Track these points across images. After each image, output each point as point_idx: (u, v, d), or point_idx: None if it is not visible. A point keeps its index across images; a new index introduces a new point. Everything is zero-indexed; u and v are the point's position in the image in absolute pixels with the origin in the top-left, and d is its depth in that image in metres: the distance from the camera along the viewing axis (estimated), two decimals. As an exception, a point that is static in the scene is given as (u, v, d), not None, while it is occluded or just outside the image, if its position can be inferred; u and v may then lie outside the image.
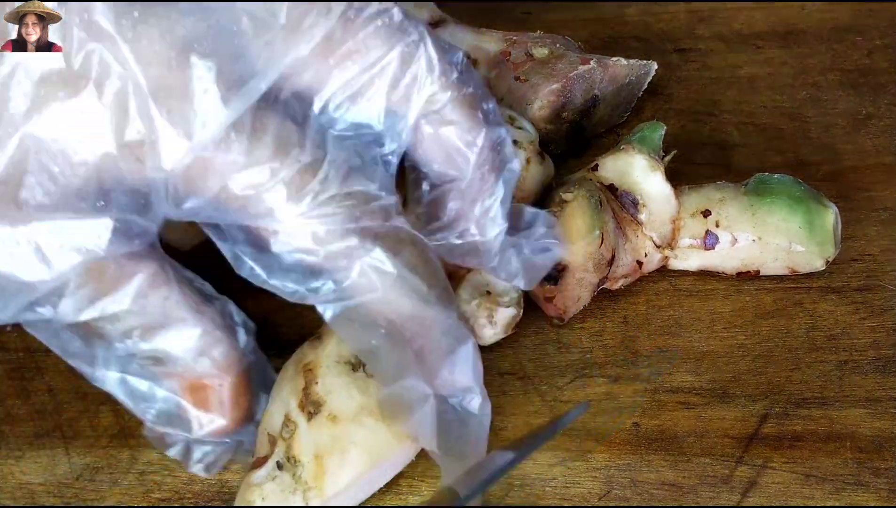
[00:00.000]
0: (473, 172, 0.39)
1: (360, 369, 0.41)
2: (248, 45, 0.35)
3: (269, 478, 0.40)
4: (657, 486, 0.43)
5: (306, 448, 0.39)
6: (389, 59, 0.37)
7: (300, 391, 0.40)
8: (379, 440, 0.40)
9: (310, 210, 0.36)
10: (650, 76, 0.55)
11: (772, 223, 0.47)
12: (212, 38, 0.34)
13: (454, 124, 0.38)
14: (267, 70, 0.35)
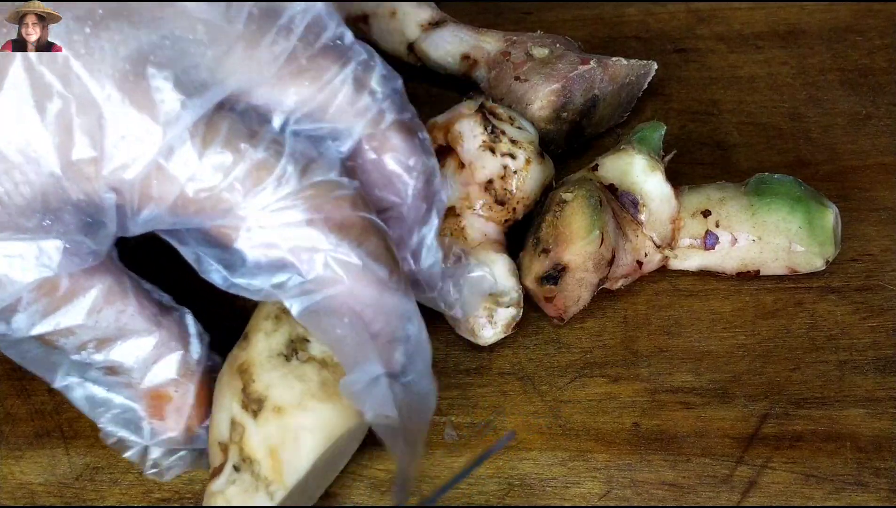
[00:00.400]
0: (413, 200, 0.40)
1: (294, 357, 0.41)
2: (205, 54, 0.35)
3: (229, 483, 0.39)
4: (657, 486, 0.43)
5: (259, 445, 0.39)
6: (343, 78, 0.37)
7: (240, 393, 0.40)
8: (327, 417, 0.40)
9: (271, 204, 0.36)
10: (650, 76, 0.55)
11: (772, 223, 0.47)
12: (167, 48, 0.35)
13: (395, 150, 0.39)
14: (225, 81, 0.35)
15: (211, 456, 0.41)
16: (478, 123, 0.47)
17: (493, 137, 0.47)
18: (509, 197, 0.48)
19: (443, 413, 0.45)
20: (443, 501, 0.43)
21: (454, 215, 0.47)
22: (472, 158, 0.47)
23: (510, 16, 0.62)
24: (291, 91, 0.37)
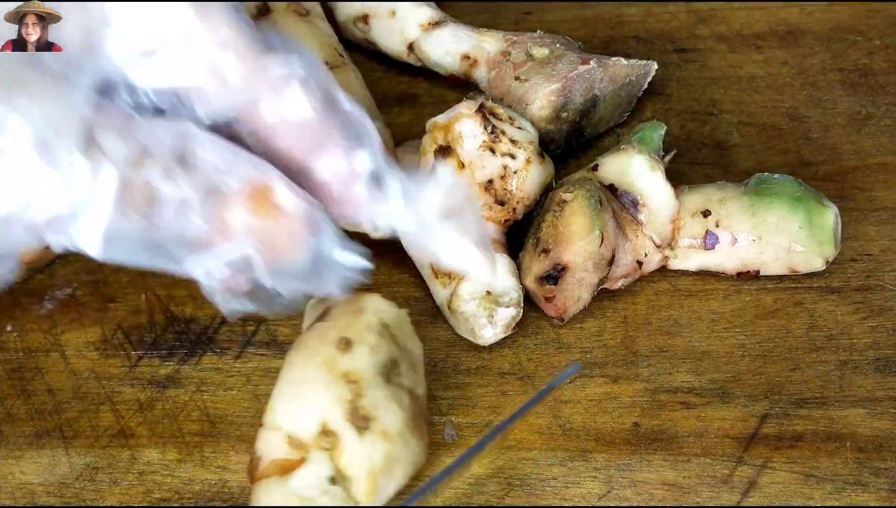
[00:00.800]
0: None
1: (390, 380, 0.41)
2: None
3: (321, 491, 0.39)
4: (657, 486, 0.43)
5: (359, 465, 0.39)
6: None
7: (346, 403, 0.39)
8: (414, 455, 0.41)
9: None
10: (650, 76, 0.55)
11: (772, 223, 0.47)
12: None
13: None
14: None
15: (267, 443, 0.40)
16: (478, 123, 0.47)
17: (494, 138, 0.47)
18: (509, 197, 0.48)
19: (443, 413, 0.45)
20: (443, 501, 0.43)
21: (454, 214, 0.47)
22: (473, 159, 0.47)
23: (510, 16, 0.62)
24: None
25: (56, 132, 0.33)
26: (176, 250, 0.36)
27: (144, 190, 0.35)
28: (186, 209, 0.35)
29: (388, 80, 0.58)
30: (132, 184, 0.34)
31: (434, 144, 0.48)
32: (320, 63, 0.39)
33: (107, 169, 0.34)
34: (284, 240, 0.37)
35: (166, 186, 0.35)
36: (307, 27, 0.54)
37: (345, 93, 0.40)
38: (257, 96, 0.37)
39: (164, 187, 0.35)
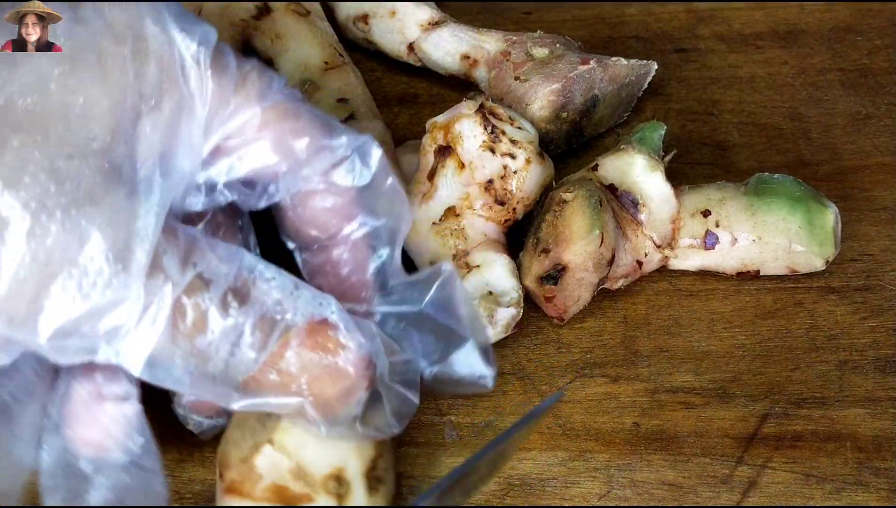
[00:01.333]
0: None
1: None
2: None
3: None
4: (657, 486, 0.43)
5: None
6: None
7: (368, 460, 0.39)
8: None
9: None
10: (650, 76, 0.55)
11: (772, 223, 0.47)
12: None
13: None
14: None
15: (271, 464, 0.39)
16: (478, 123, 0.47)
17: (493, 137, 0.47)
18: (509, 197, 0.48)
19: (443, 413, 0.45)
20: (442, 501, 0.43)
21: (454, 215, 0.47)
22: (473, 159, 0.47)
23: (510, 16, 0.62)
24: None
25: (132, 251, 0.33)
26: (222, 386, 0.35)
27: (197, 319, 0.34)
28: (239, 340, 0.35)
29: (388, 80, 0.58)
30: (186, 310, 0.34)
31: (434, 144, 0.48)
32: (377, 150, 0.39)
33: (167, 292, 0.33)
34: (343, 383, 0.36)
35: (221, 317, 0.34)
36: (307, 27, 0.54)
37: (394, 171, 0.40)
38: (317, 167, 0.38)
39: (218, 318, 0.34)
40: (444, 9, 0.57)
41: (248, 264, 0.35)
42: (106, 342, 0.34)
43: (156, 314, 0.33)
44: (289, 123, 0.37)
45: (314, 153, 0.38)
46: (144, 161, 0.35)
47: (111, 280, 0.33)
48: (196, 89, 0.35)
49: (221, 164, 0.37)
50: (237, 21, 0.54)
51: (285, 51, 0.53)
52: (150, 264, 0.33)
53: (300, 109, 0.38)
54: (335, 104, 0.52)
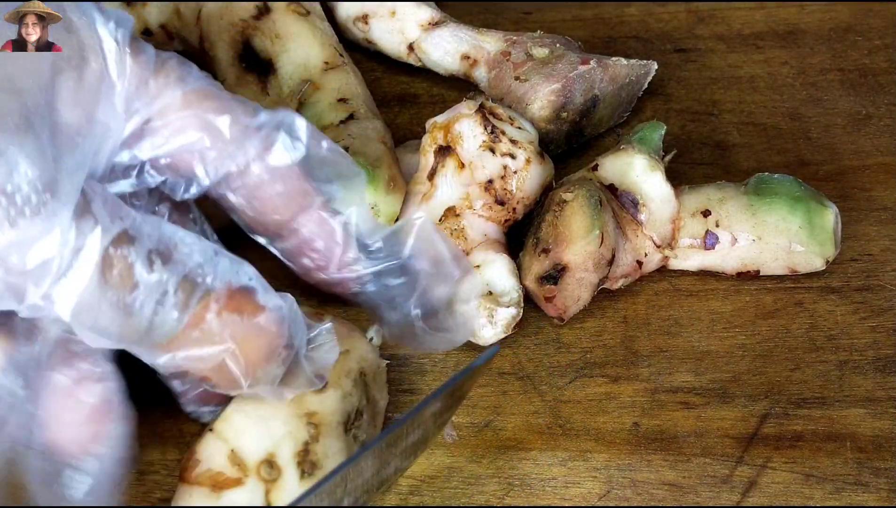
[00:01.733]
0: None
1: (349, 431, 0.41)
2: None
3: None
4: (657, 486, 0.43)
5: (286, 502, 0.39)
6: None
7: (300, 444, 0.39)
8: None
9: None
10: (650, 76, 0.55)
11: (772, 223, 0.47)
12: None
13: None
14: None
15: (207, 450, 0.40)
16: (478, 123, 0.47)
17: (494, 137, 0.47)
18: (509, 197, 0.48)
19: (443, 414, 0.45)
20: (442, 501, 0.43)
21: (454, 215, 0.47)
22: (473, 159, 0.47)
23: (510, 16, 0.62)
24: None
25: (59, 184, 0.34)
26: (147, 343, 0.36)
27: (124, 271, 0.35)
28: (163, 299, 0.36)
29: (388, 80, 0.58)
30: (113, 261, 0.35)
31: (434, 144, 0.48)
32: (301, 120, 0.40)
33: (96, 235, 0.34)
34: (263, 340, 0.37)
35: (146, 272, 0.35)
36: (307, 27, 0.54)
37: (324, 137, 0.41)
38: (248, 152, 0.39)
39: (143, 273, 0.35)
40: (444, 9, 0.57)
41: (169, 230, 0.36)
42: (34, 282, 0.34)
43: (86, 256, 0.34)
44: (210, 103, 0.38)
45: (239, 134, 0.39)
46: (63, 116, 0.36)
47: (39, 208, 0.33)
48: (114, 63, 0.37)
49: (145, 143, 0.38)
50: (237, 21, 0.54)
51: (285, 51, 0.53)
52: (79, 207, 0.34)
53: (220, 93, 0.39)
54: (335, 104, 0.51)
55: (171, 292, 0.36)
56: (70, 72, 0.36)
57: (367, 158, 0.48)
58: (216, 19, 0.55)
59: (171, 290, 0.36)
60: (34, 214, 0.33)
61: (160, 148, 0.38)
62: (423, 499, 0.43)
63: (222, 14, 0.54)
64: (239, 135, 0.39)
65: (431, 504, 0.43)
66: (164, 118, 0.38)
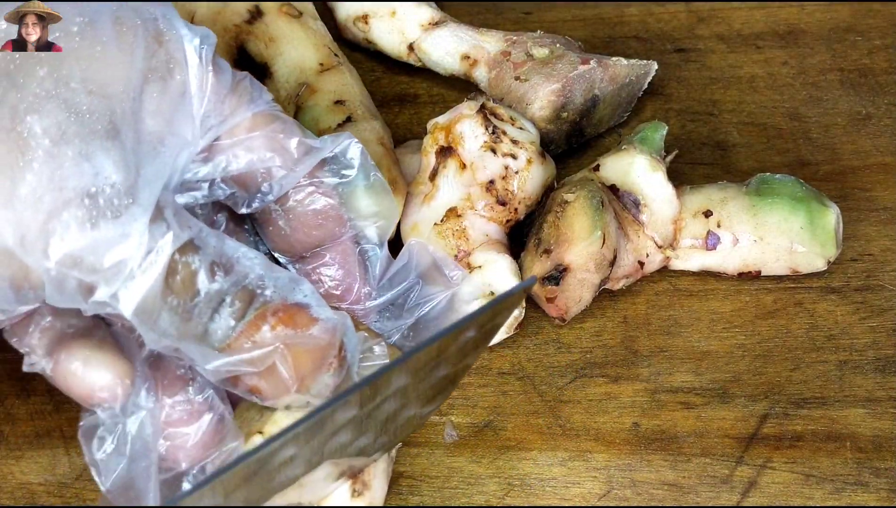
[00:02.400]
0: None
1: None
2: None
3: None
4: (657, 486, 0.43)
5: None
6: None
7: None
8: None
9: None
10: (650, 76, 0.55)
11: (773, 224, 0.47)
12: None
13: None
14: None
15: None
16: (479, 123, 0.47)
17: (495, 138, 0.47)
18: (511, 197, 0.48)
19: (443, 413, 0.45)
20: (442, 501, 0.43)
21: (456, 215, 0.47)
22: (474, 159, 0.47)
23: (510, 16, 0.62)
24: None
25: (139, 190, 0.35)
26: (202, 345, 0.37)
27: (186, 278, 0.36)
28: (220, 307, 0.36)
29: (388, 80, 0.58)
30: (178, 267, 0.36)
31: (435, 145, 0.48)
32: (356, 147, 0.41)
33: (167, 240, 0.35)
34: (314, 348, 0.38)
35: (208, 281, 0.36)
36: (300, 28, 0.54)
37: (375, 168, 0.42)
38: (305, 172, 0.40)
39: (205, 282, 0.36)
40: (444, 9, 0.57)
41: (231, 244, 0.37)
42: (105, 281, 0.35)
43: (155, 260, 0.35)
44: (278, 125, 0.40)
45: (304, 153, 0.40)
46: (147, 124, 0.37)
47: (120, 212, 0.34)
48: (196, 79, 0.38)
49: (220, 158, 0.39)
50: (230, 27, 0.54)
51: (279, 55, 0.53)
52: (154, 211, 0.35)
53: (285, 117, 0.40)
54: (332, 106, 0.51)
55: (229, 301, 0.36)
56: (157, 83, 0.37)
57: (365, 161, 0.48)
58: (209, 25, 0.54)
59: (229, 299, 0.36)
60: (115, 217, 0.34)
61: (234, 164, 0.39)
62: (423, 499, 0.43)
63: (215, 19, 0.54)
64: (303, 156, 0.40)
65: (431, 504, 0.43)
66: (235, 136, 0.39)
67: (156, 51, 0.37)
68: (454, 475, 0.44)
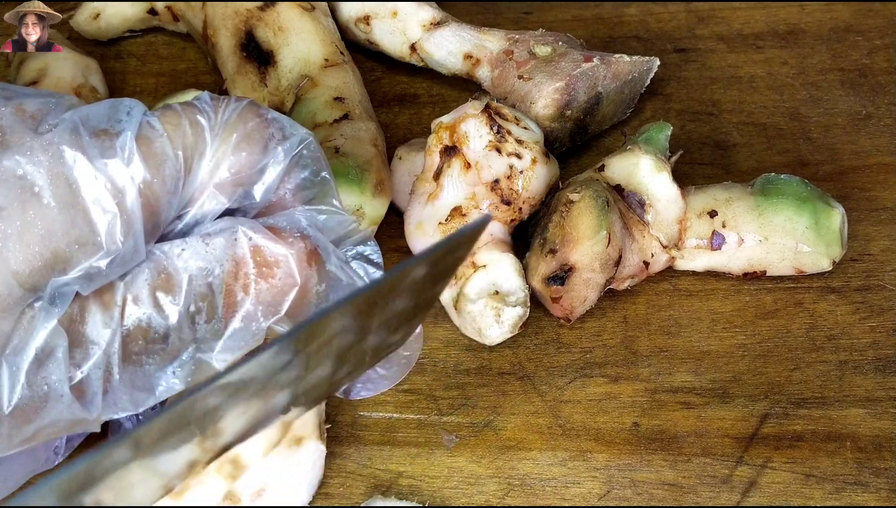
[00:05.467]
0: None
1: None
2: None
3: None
4: (657, 486, 0.43)
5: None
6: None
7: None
8: None
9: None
10: (653, 73, 0.55)
11: (778, 224, 0.47)
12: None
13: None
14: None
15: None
16: (484, 123, 0.47)
17: (500, 138, 0.47)
18: (515, 197, 0.48)
19: (443, 413, 0.45)
20: (442, 501, 0.43)
21: (460, 215, 0.47)
22: (479, 159, 0.47)
23: (510, 16, 0.62)
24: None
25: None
26: (204, 353, 0.38)
27: (141, 334, 0.37)
28: (193, 322, 0.37)
29: (388, 80, 0.58)
30: (129, 338, 0.37)
31: (440, 144, 0.48)
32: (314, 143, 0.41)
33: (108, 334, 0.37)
34: (292, 285, 0.38)
35: (160, 318, 0.37)
36: (311, 22, 0.54)
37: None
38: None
39: (159, 320, 0.37)
40: (445, 9, 0.57)
41: (157, 256, 0.37)
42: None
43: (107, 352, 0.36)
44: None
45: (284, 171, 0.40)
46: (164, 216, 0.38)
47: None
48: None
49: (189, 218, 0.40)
50: (241, 10, 0.54)
51: (287, 44, 0.53)
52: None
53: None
54: (331, 102, 0.51)
55: (196, 311, 0.37)
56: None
57: (356, 160, 0.49)
58: (221, 6, 0.55)
59: (194, 309, 0.37)
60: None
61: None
62: (423, 499, 0.43)
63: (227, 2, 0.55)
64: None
65: (431, 504, 0.43)
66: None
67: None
68: (454, 475, 0.44)
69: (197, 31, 0.57)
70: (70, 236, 0.35)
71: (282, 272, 0.38)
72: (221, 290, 0.38)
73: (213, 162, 0.38)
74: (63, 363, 0.36)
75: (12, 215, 0.35)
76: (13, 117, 0.36)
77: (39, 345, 0.36)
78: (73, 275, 0.36)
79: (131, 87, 0.58)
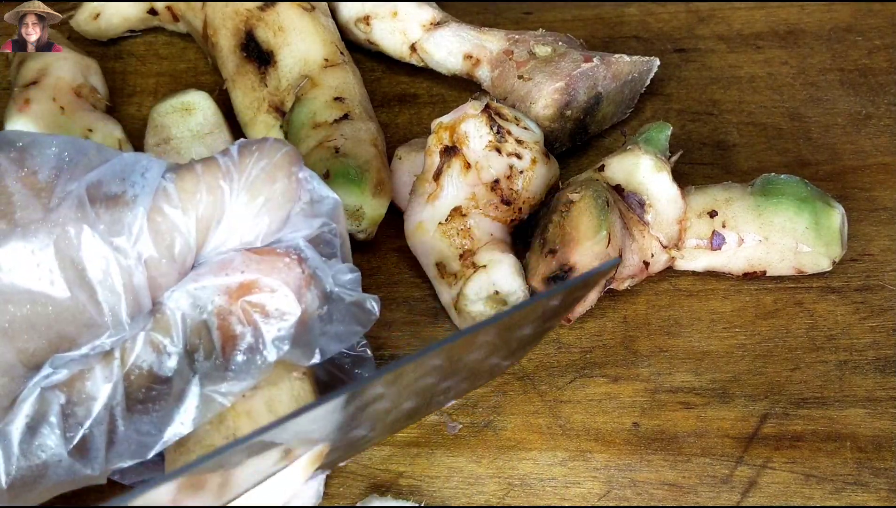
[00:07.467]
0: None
1: None
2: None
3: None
4: (657, 486, 0.43)
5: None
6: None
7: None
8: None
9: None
10: (653, 72, 0.55)
11: (778, 224, 0.47)
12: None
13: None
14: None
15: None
16: (484, 123, 0.47)
17: (500, 138, 0.47)
18: (515, 197, 0.48)
19: (443, 413, 0.45)
20: (442, 501, 0.43)
21: (460, 215, 0.47)
22: (479, 159, 0.47)
23: (510, 16, 0.62)
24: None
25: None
26: (212, 385, 0.38)
27: (145, 382, 0.37)
28: (193, 360, 0.38)
29: (388, 80, 0.58)
30: (130, 386, 0.37)
31: (440, 145, 0.48)
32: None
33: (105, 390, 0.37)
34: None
35: (157, 363, 0.37)
36: (311, 22, 0.54)
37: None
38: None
39: (160, 366, 0.37)
40: (445, 9, 0.57)
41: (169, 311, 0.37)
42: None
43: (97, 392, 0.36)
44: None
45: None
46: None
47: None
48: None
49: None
50: (242, 10, 0.54)
51: (287, 44, 0.53)
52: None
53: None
54: (331, 102, 0.51)
55: (197, 349, 0.37)
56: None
57: (356, 160, 0.49)
58: (221, 6, 0.55)
59: (193, 346, 0.37)
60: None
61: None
62: (423, 499, 0.43)
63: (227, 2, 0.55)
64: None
65: (432, 503, 0.43)
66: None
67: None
68: (454, 475, 0.44)
69: (197, 31, 0.57)
70: (77, 320, 0.35)
71: (280, 303, 0.38)
72: (216, 325, 0.37)
73: (230, 228, 0.38)
74: (57, 426, 0.36)
75: (22, 298, 0.35)
76: (24, 192, 0.35)
77: (29, 412, 0.35)
78: (77, 353, 0.36)
79: (131, 87, 0.58)
